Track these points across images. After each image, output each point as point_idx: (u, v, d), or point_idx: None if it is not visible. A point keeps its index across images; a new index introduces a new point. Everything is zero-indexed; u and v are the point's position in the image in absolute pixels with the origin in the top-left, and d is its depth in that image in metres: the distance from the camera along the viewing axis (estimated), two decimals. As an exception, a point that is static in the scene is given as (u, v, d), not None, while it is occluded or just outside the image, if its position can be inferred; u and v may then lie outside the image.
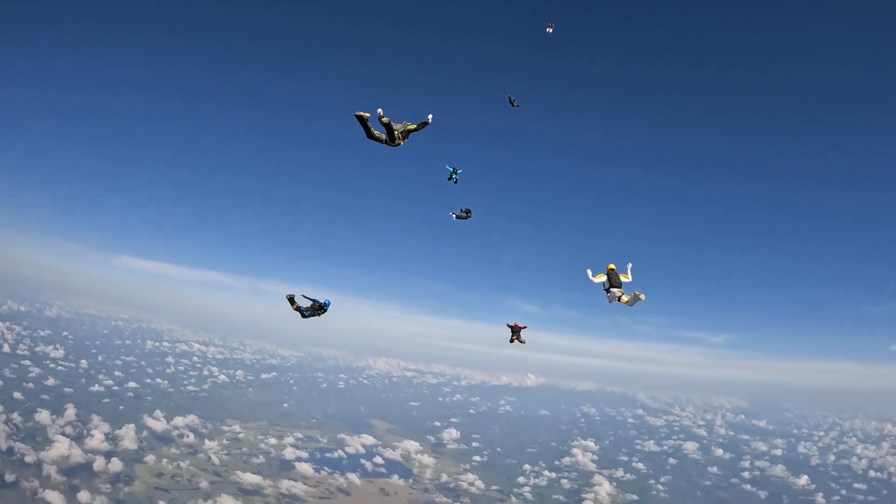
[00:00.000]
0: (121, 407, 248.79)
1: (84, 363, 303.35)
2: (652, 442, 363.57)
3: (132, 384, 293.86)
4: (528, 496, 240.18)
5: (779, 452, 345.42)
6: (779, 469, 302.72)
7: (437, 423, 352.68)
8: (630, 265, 33.47)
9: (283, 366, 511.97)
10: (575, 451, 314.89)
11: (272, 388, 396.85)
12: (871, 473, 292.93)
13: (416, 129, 31.94)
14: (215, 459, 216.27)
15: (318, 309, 34.06)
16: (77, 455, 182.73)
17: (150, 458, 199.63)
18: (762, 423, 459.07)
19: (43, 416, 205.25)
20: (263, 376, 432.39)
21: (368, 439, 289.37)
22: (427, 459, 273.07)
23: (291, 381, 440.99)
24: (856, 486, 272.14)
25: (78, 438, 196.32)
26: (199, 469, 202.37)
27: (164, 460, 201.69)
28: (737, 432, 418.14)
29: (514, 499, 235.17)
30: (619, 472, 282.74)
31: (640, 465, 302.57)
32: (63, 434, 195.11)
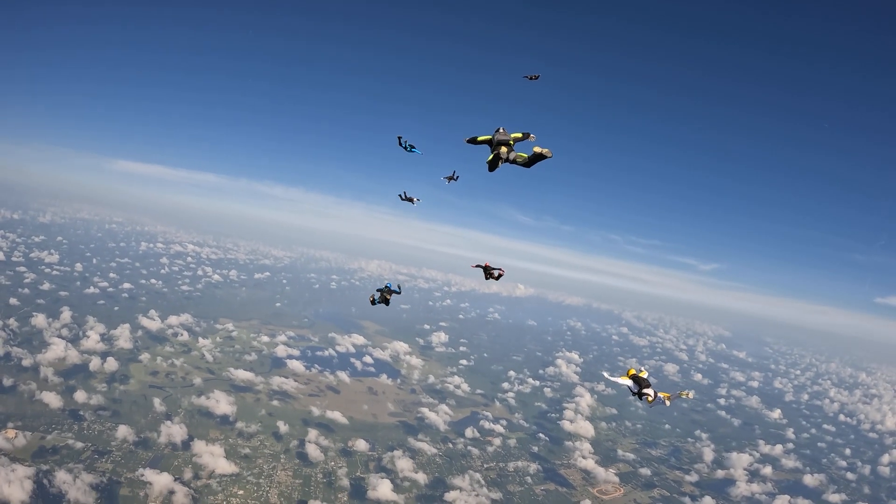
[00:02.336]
0: (116, 308, 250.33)
1: (79, 267, 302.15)
2: (634, 360, 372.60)
3: (127, 285, 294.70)
4: (512, 402, 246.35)
5: (755, 384, 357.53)
6: (753, 400, 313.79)
7: (427, 327, 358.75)
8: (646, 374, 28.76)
9: (276, 266, 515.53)
10: (559, 362, 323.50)
11: (265, 287, 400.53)
12: (842, 417, 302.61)
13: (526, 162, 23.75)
14: (209, 357, 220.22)
15: (389, 295, 36.08)
16: (73, 356, 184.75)
17: (144, 356, 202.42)
18: (742, 355, 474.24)
19: (39, 319, 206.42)
20: (257, 276, 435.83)
21: (359, 339, 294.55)
22: (415, 361, 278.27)
23: (284, 282, 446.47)
24: (825, 426, 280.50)
25: (74, 340, 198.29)
26: (192, 367, 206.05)
27: (159, 358, 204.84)
28: (716, 360, 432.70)
29: (497, 403, 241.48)
30: (601, 387, 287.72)
31: None
32: (59, 336, 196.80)
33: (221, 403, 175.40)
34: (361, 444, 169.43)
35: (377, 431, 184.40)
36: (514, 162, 23.75)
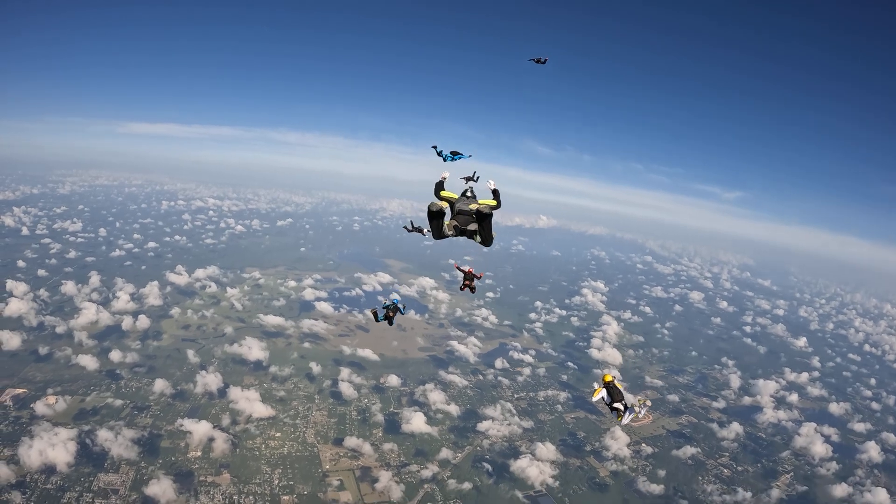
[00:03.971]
0: (143, 267, 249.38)
1: (102, 231, 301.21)
2: (659, 288, 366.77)
3: (152, 244, 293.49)
4: (540, 332, 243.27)
5: (780, 312, 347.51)
6: (779, 328, 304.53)
7: (451, 261, 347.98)
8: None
9: (297, 212, 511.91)
10: (585, 291, 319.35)
11: (288, 234, 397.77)
12: (867, 347, 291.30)
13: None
14: (238, 306, 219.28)
15: (393, 314, 35.59)
16: (105, 318, 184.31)
17: (175, 311, 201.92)
18: (766, 283, 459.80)
19: (68, 287, 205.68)
20: (279, 223, 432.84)
21: (385, 277, 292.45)
22: (442, 296, 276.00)
23: (307, 226, 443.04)
24: (850, 356, 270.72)
25: (104, 303, 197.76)
26: (223, 317, 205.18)
27: (189, 312, 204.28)
28: (741, 288, 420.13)
29: (525, 334, 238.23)
30: (627, 314, 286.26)
31: (647, 309, 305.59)
32: (90, 301, 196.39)
33: (254, 350, 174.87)
34: (393, 380, 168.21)
35: (408, 367, 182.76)
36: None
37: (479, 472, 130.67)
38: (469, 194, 23.81)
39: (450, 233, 22.30)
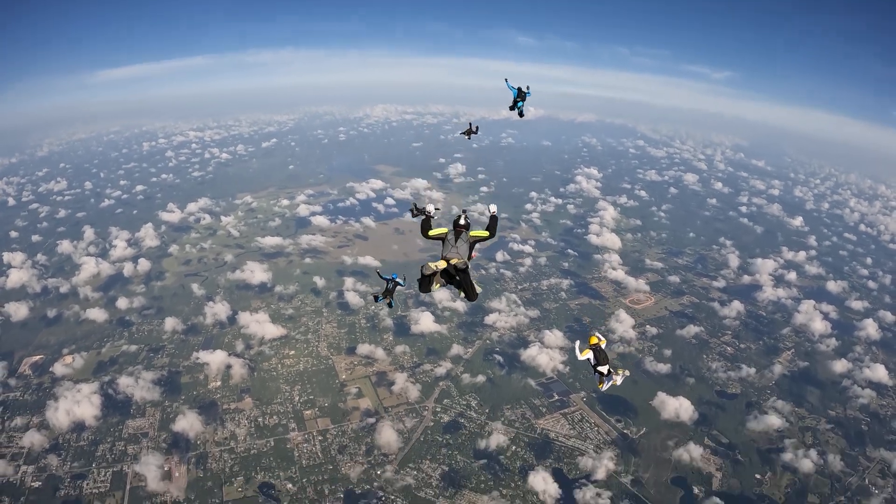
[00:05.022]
0: (134, 212, 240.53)
1: (88, 185, 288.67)
2: (653, 172, 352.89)
3: (139, 187, 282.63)
4: (537, 222, 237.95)
5: (775, 193, 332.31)
6: (775, 208, 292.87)
7: (442, 160, 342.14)
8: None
9: (281, 131, 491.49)
10: (579, 178, 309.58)
11: (275, 154, 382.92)
12: (862, 227, 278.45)
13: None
14: (234, 233, 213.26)
15: (393, 289, 32.70)
16: (106, 269, 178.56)
17: (173, 249, 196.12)
18: (760, 163, 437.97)
19: (64, 246, 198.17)
20: (264, 145, 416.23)
21: (377, 184, 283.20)
22: (436, 195, 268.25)
23: (293, 143, 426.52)
24: (846, 235, 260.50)
25: (103, 254, 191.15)
26: (221, 246, 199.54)
27: (188, 247, 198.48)
28: (736, 169, 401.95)
29: (523, 225, 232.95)
30: (623, 199, 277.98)
31: (643, 193, 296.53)
32: (88, 255, 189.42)
33: (256, 273, 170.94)
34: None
35: (410, 269, 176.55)
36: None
37: (491, 365, 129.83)
38: (462, 222, 22.31)
39: (436, 286, 21.44)
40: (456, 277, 21.02)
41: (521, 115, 33.85)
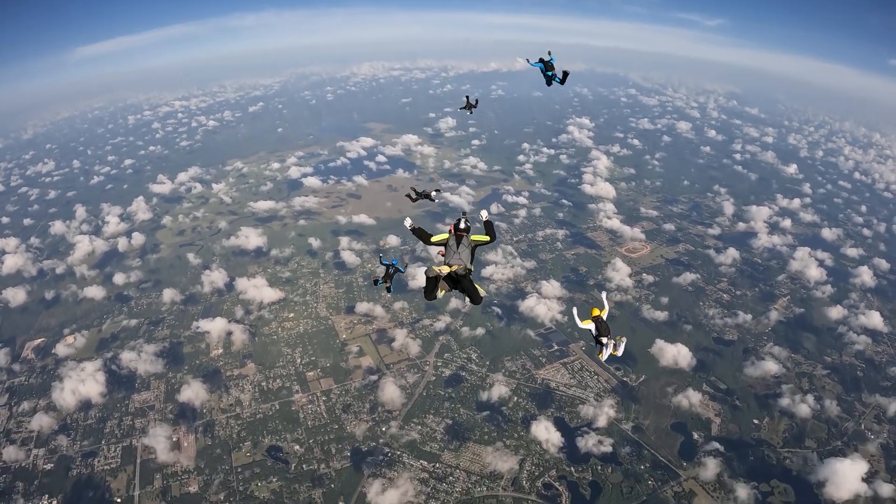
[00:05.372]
0: (125, 186, 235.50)
1: (76, 163, 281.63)
2: (646, 120, 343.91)
3: (128, 161, 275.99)
4: (530, 173, 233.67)
5: (769, 140, 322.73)
6: (769, 156, 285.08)
7: (432, 115, 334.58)
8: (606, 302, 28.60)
9: (268, 95, 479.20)
10: (571, 128, 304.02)
11: (262, 118, 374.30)
12: (857, 175, 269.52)
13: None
14: (227, 199, 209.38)
15: (393, 274, 32.26)
16: (100, 246, 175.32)
17: (167, 220, 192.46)
18: (754, 111, 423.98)
19: (57, 226, 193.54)
20: (251, 109, 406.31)
21: (367, 141, 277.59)
22: (428, 150, 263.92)
23: (280, 106, 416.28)
24: (841, 183, 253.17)
25: (96, 231, 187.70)
26: (214, 214, 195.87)
27: (181, 217, 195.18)
28: (729, 117, 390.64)
29: (516, 177, 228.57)
30: (616, 148, 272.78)
31: (636, 142, 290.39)
32: (81, 233, 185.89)
33: (251, 238, 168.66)
34: (393, 240, 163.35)
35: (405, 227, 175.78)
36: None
37: (490, 317, 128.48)
38: (462, 226, 21.66)
39: (441, 292, 21.70)
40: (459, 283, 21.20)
41: (562, 82, 32.25)
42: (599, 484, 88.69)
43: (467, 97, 47.20)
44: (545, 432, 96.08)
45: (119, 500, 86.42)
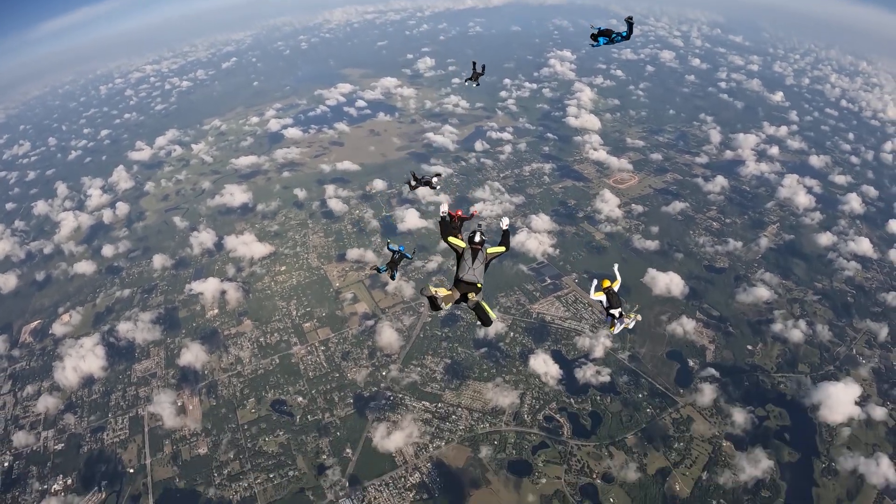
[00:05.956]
0: (103, 157, 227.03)
1: (52, 141, 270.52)
2: (628, 50, 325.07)
3: (104, 132, 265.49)
4: (513, 108, 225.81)
5: (754, 68, 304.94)
6: (755, 84, 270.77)
7: (410, 56, 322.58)
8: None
9: (240, 49, 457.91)
10: (552, 61, 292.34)
11: (237, 73, 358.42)
12: (843, 103, 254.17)
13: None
14: (208, 159, 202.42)
15: (399, 260, 33.00)
16: (85, 220, 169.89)
17: (150, 186, 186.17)
18: (738, 39, 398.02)
19: (40, 206, 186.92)
20: (224, 66, 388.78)
21: (345, 87, 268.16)
22: (408, 91, 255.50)
23: (254, 60, 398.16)
24: (828, 111, 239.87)
25: (79, 206, 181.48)
26: (197, 175, 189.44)
27: (163, 182, 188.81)
28: (713, 45, 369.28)
29: (500, 113, 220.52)
30: (599, 80, 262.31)
31: (619, 73, 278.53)
32: (65, 210, 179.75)
33: (236, 195, 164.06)
34: (379, 184, 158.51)
35: (390, 168, 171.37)
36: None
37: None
38: (477, 239, 20.91)
39: (447, 305, 20.29)
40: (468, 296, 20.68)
41: (627, 37, 29.78)
42: (599, 414, 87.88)
43: (474, 63, 43.01)
44: (543, 365, 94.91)
45: (132, 471, 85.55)
